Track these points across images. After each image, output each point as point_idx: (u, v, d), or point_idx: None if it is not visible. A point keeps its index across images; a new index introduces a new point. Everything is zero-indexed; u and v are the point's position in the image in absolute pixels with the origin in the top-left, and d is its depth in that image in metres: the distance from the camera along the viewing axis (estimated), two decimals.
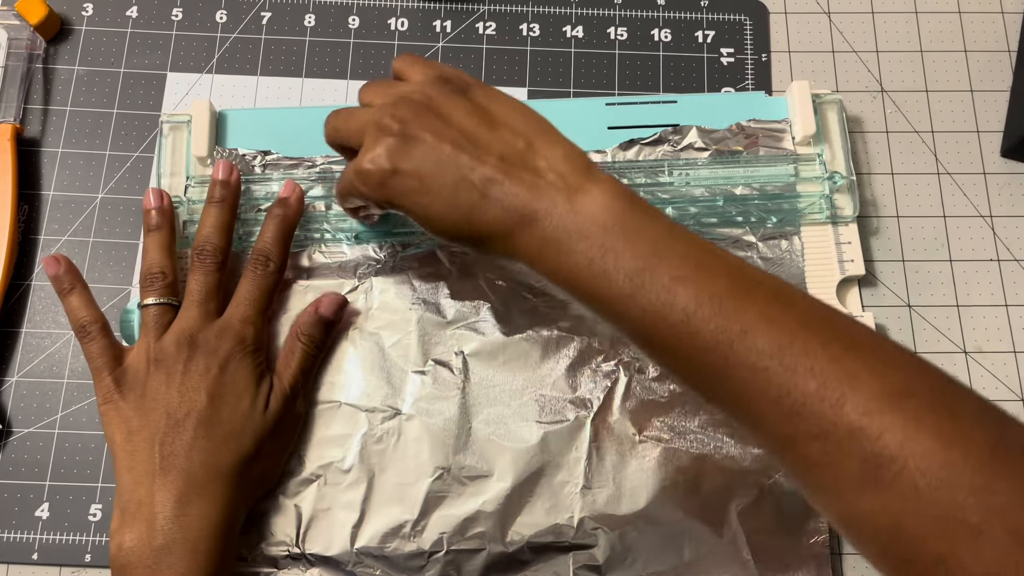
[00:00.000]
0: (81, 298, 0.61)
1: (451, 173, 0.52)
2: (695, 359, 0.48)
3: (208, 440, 0.57)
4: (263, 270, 0.63)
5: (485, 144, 0.52)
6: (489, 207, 0.51)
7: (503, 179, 0.51)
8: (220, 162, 0.65)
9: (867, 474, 0.43)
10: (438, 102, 0.54)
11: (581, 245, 0.49)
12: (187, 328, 0.59)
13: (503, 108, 0.55)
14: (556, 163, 0.52)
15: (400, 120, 0.53)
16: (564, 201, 0.50)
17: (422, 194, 0.53)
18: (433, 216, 0.53)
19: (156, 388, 0.58)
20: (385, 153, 0.53)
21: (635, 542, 0.61)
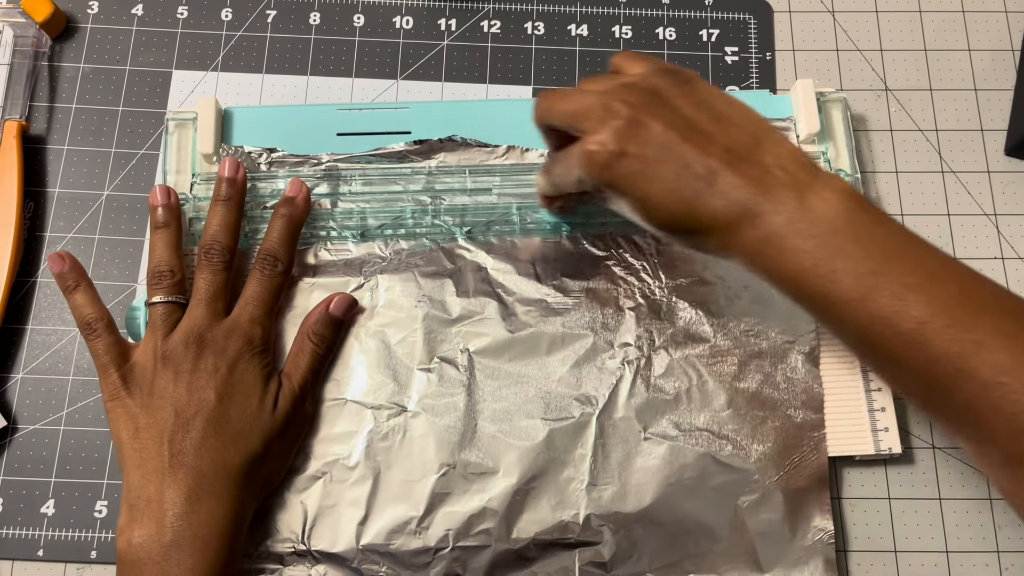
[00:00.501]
0: (86, 295, 0.61)
1: (677, 161, 0.52)
2: (923, 370, 0.47)
3: (217, 439, 0.57)
4: (271, 270, 0.63)
5: (711, 136, 0.52)
6: (712, 198, 0.51)
7: (729, 172, 0.51)
8: (226, 160, 0.65)
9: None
10: (666, 91, 0.54)
11: (808, 245, 0.49)
12: (195, 327, 0.59)
13: (727, 104, 0.55)
14: (784, 160, 0.51)
15: (630, 105, 0.53)
16: (793, 199, 0.50)
17: (645, 179, 0.52)
18: (652, 203, 0.53)
19: (164, 386, 0.58)
20: (613, 135, 0.53)
21: (641, 539, 0.61)
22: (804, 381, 0.64)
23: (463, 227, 0.67)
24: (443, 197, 0.68)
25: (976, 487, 0.65)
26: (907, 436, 0.66)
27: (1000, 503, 0.65)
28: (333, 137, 0.70)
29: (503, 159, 0.69)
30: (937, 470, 0.65)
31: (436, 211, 0.67)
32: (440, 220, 0.67)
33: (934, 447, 0.66)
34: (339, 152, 0.69)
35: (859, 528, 0.64)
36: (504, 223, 0.67)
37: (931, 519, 0.65)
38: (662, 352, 0.64)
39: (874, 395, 0.64)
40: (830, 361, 0.65)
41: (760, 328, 0.65)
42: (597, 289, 0.66)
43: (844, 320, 0.50)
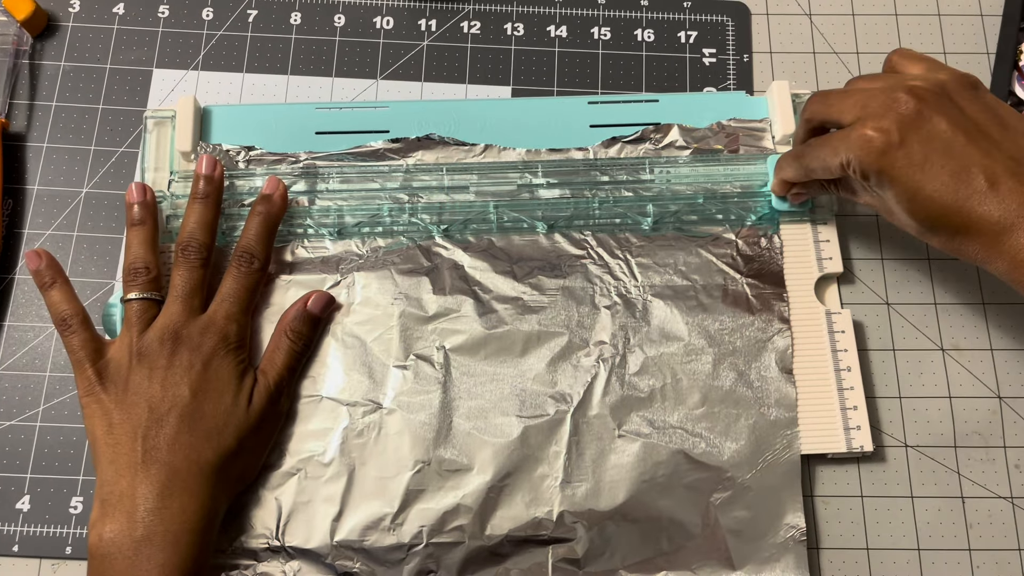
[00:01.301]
0: (62, 292, 0.61)
1: (958, 160, 0.53)
2: None
3: (191, 435, 0.57)
4: (247, 267, 0.63)
5: (997, 142, 0.53)
6: (988, 203, 0.52)
7: (1011, 179, 0.52)
8: (203, 157, 0.65)
9: None
10: (954, 91, 0.55)
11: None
12: (171, 323, 0.60)
13: (1012, 114, 0.55)
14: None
15: (917, 97, 0.54)
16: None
17: (922, 172, 0.53)
18: (924, 196, 0.54)
19: (139, 382, 0.58)
20: (896, 124, 0.54)
21: (614, 535, 0.61)
22: (777, 380, 0.64)
23: (440, 225, 0.67)
24: (420, 195, 0.68)
25: (948, 485, 0.66)
26: (879, 435, 0.66)
27: (971, 501, 0.65)
28: (312, 135, 0.70)
29: (480, 157, 0.69)
30: (909, 469, 0.66)
31: (413, 209, 0.67)
32: (417, 218, 0.67)
33: (906, 446, 0.66)
34: (317, 150, 0.69)
35: (831, 526, 0.65)
36: (481, 221, 0.68)
37: (903, 517, 0.65)
38: (637, 350, 0.65)
39: (846, 394, 0.64)
40: (803, 360, 0.65)
41: (734, 327, 0.66)
42: (573, 288, 0.66)
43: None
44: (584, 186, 0.68)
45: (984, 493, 0.65)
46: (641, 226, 0.68)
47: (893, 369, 0.68)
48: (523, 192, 0.68)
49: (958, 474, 0.66)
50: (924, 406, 0.67)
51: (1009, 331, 0.69)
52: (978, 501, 0.65)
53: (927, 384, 0.68)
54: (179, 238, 0.63)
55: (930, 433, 0.67)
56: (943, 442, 0.66)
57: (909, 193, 0.54)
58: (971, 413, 0.67)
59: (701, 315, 0.66)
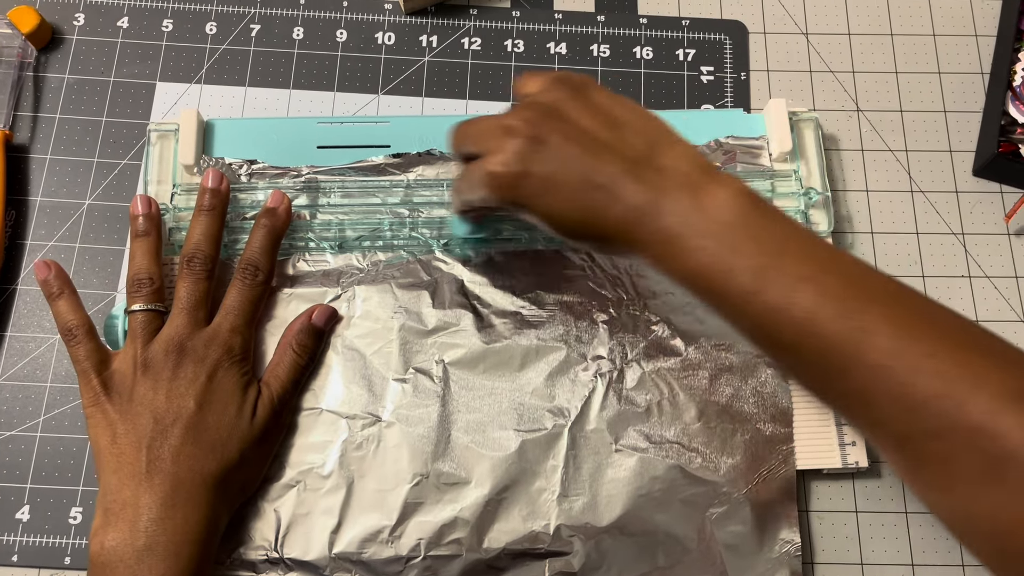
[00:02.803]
0: (69, 302, 0.62)
1: (578, 173, 0.53)
2: (816, 357, 0.49)
3: (195, 446, 0.57)
4: (251, 280, 0.63)
5: (610, 144, 0.53)
6: (614, 206, 0.52)
7: (628, 179, 0.52)
8: (210, 171, 0.65)
9: (987, 473, 0.44)
10: (562, 105, 0.55)
11: (705, 242, 0.50)
12: (176, 335, 0.60)
13: (624, 109, 0.56)
14: (679, 162, 0.53)
15: (528, 123, 0.54)
16: (688, 199, 0.51)
17: (550, 194, 0.53)
18: (558, 215, 0.54)
19: (143, 393, 0.58)
20: (515, 156, 0.54)
21: (610, 549, 0.62)
22: (773, 395, 0.65)
23: (440, 239, 0.68)
24: (421, 210, 0.68)
25: None
26: (874, 451, 0.66)
27: None
28: (313, 150, 0.70)
29: None
30: (904, 485, 0.66)
31: (414, 223, 0.68)
32: (417, 232, 0.68)
33: None
34: (319, 164, 0.69)
35: (826, 541, 0.65)
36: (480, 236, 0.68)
37: (897, 532, 0.65)
38: (634, 365, 0.65)
39: None
40: None
41: (731, 343, 0.66)
42: (571, 302, 0.67)
43: (742, 313, 0.51)
44: None
45: None
46: None
47: None
48: None
49: None
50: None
51: None
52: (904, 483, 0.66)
53: None
54: (184, 250, 0.63)
55: None
56: None
57: (545, 216, 0.54)
58: None
59: (698, 330, 0.66)
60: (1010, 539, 0.44)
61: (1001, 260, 0.72)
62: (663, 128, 0.55)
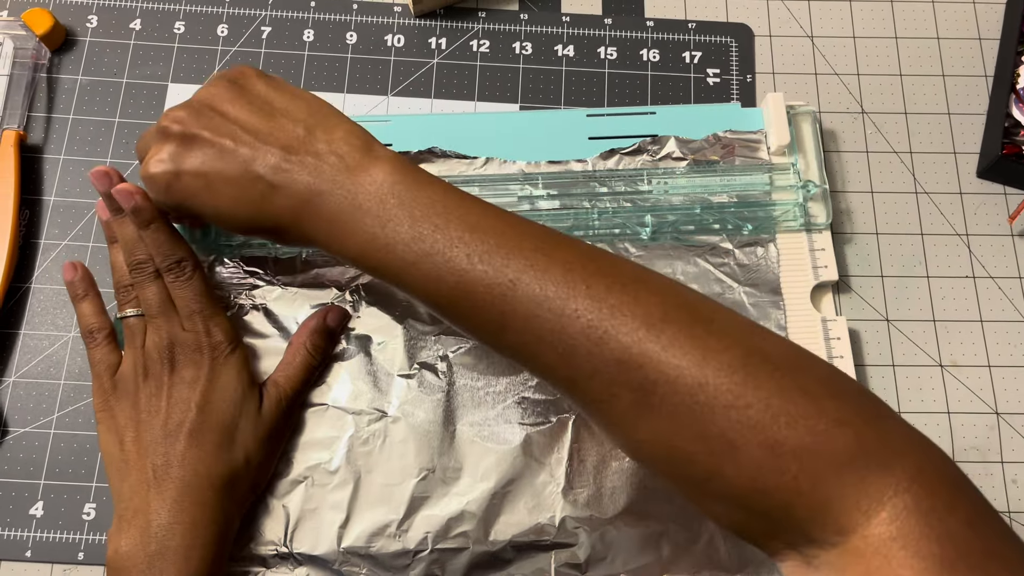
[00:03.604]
0: (93, 305, 0.62)
1: (234, 168, 0.53)
2: (475, 316, 0.50)
3: (200, 449, 0.58)
4: (183, 275, 0.60)
5: (266, 135, 0.54)
6: (276, 196, 0.53)
7: (286, 167, 0.52)
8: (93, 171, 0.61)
9: (638, 403, 0.45)
10: (217, 100, 0.55)
11: (365, 221, 0.51)
12: (162, 338, 0.60)
13: (283, 97, 0.56)
14: (336, 145, 0.53)
15: (179, 122, 0.55)
16: (345, 180, 0.52)
17: (209, 192, 0.54)
18: (223, 212, 0.54)
19: (146, 401, 0.59)
20: (167, 156, 0.54)
21: (615, 541, 0.62)
22: None
23: None
24: None
25: None
26: None
27: None
28: None
29: (481, 170, 0.70)
30: None
31: None
32: None
33: None
34: None
35: None
36: None
37: None
38: None
39: None
40: None
41: None
42: None
43: (408, 285, 0.52)
44: (583, 197, 0.69)
45: None
46: (639, 236, 0.69)
47: (893, 385, 0.69)
48: (523, 204, 0.69)
49: None
50: (923, 421, 0.68)
51: (1007, 348, 0.70)
52: None
53: (926, 400, 0.69)
54: (127, 259, 0.61)
55: None
56: None
57: (212, 215, 0.55)
58: (969, 429, 0.68)
59: None
60: (671, 464, 0.46)
61: (1005, 261, 0.72)
62: (323, 112, 0.55)
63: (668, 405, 0.45)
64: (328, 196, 0.52)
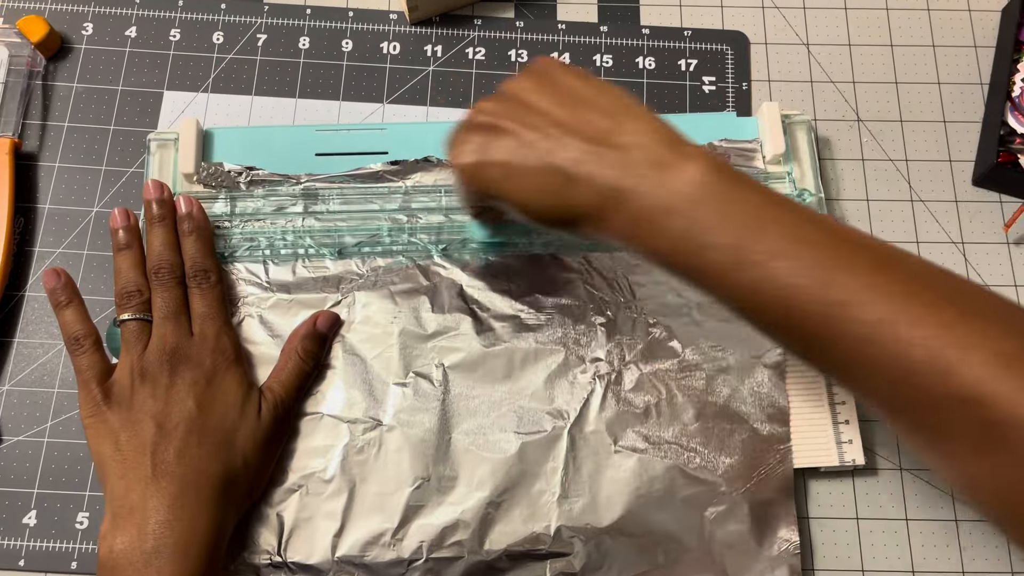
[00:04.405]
0: (76, 312, 0.62)
1: (536, 158, 0.52)
2: (799, 331, 0.48)
3: (199, 448, 0.58)
4: (207, 283, 0.64)
5: (570, 126, 0.53)
6: (578, 189, 0.51)
7: (589, 159, 0.51)
8: (148, 182, 0.66)
9: (981, 439, 0.43)
10: (522, 91, 0.55)
11: (674, 221, 0.49)
12: (166, 342, 0.60)
13: (589, 89, 0.55)
14: (642, 139, 0.51)
15: (485, 112, 0.55)
16: (653, 176, 0.49)
17: (511, 181, 0.53)
18: (525, 202, 0.54)
19: (143, 401, 0.59)
20: (472, 147, 0.54)
21: (611, 550, 0.62)
22: (770, 395, 0.65)
23: (438, 245, 0.68)
24: (419, 215, 0.69)
25: (942, 508, 0.66)
26: (875, 457, 0.67)
27: (965, 524, 0.66)
28: (312, 157, 0.71)
29: None
30: (904, 491, 0.66)
31: (412, 229, 0.68)
32: (416, 238, 0.68)
33: (901, 468, 0.67)
34: (317, 172, 0.70)
35: (827, 547, 0.65)
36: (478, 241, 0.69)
37: (898, 539, 0.65)
38: (632, 367, 0.66)
39: (838, 408, 0.65)
40: (795, 375, 0.66)
41: (727, 343, 0.66)
42: (569, 305, 0.67)
43: (720, 291, 0.50)
44: None
45: (978, 516, 0.66)
46: None
47: None
48: None
49: (952, 497, 0.66)
50: None
51: None
52: (972, 524, 0.66)
53: None
54: (148, 263, 0.64)
55: None
56: None
57: (515, 203, 0.54)
58: None
59: (695, 332, 0.67)
60: (1012, 505, 0.43)
61: (1001, 269, 0.72)
62: (626, 103, 0.54)
63: (1014, 445, 0.42)
64: (633, 193, 0.50)
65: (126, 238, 0.64)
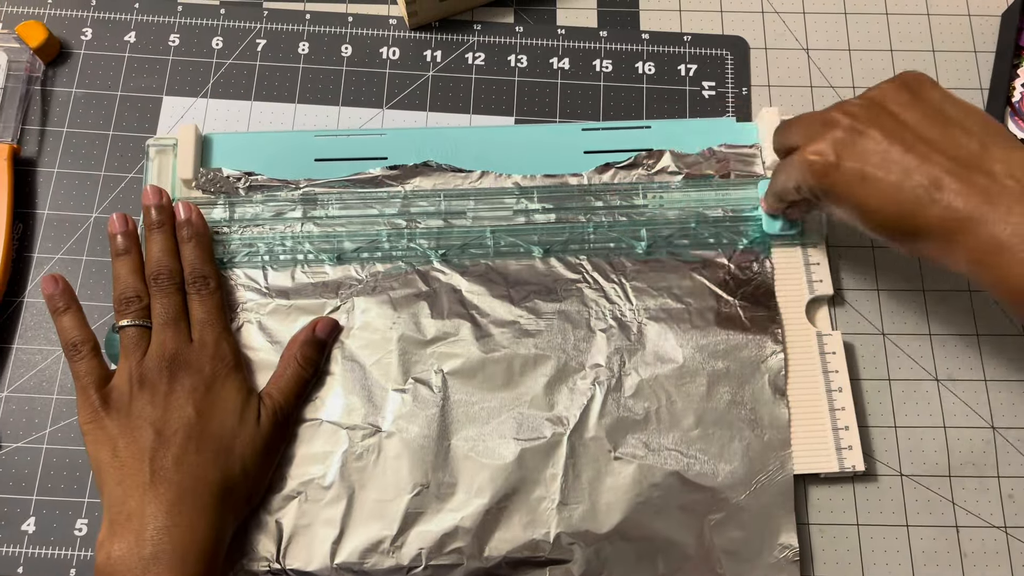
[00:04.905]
0: (74, 318, 0.62)
1: (897, 169, 0.53)
2: None
3: (198, 454, 0.58)
4: (207, 289, 0.64)
5: (936, 143, 0.53)
6: (933, 206, 0.52)
7: (953, 180, 0.51)
8: (147, 188, 0.66)
9: None
10: (890, 100, 0.55)
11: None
12: (166, 349, 0.60)
13: (957, 109, 0.55)
14: (1015, 168, 0.51)
15: (849, 115, 0.55)
16: (1020, 209, 0.50)
17: (863, 186, 0.54)
18: (871, 208, 0.54)
19: (141, 408, 0.59)
20: (831, 145, 0.55)
21: (610, 557, 0.62)
22: (770, 401, 0.65)
23: (438, 250, 0.68)
24: (418, 221, 0.69)
25: (942, 515, 0.66)
26: (875, 463, 0.67)
27: (966, 531, 0.65)
28: (311, 162, 0.71)
29: (478, 183, 0.70)
30: (904, 497, 0.66)
31: (411, 234, 0.68)
32: (415, 243, 0.68)
33: (901, 475, 0.67)
34: (316, 177, 0.70)
35: (827, 554, 0.65)
36: (478, 246, 0.69)
37: (898, 545, 0.65)
38: (632, 373, 0.65)
39: (838, 414, 0.65)
40: (796, 381, 0.66)
41: (727, 350, 0.66)
42: (569, 311, 0.67)
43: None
44: (579, 211, 0.69)
45: (978, 522, 0.66)
46: (635, 250, 0.69)
47: (888, 398, 0.69)
48: (519, 217, 0.69)
49: (952, 503, 0.66)
50: (919, 435, 0.68)
51: (1003, 362, 0.70)
52: (972, 530, 0.66)
53: (922, 414, 0.68)
54: (148, 269, 0.64)
55: (925, 462, 0.67)
56: (938, 471, 0.67)
57: (855, 207, 0.55)
58: (965, 443, 0.68)
59: (695, 338, 0.66)
60: None
61: None
62: (1000, 131, 0.54)
63: None
64: (996, 221, 0.50)
65: (125, 243, 0.64)
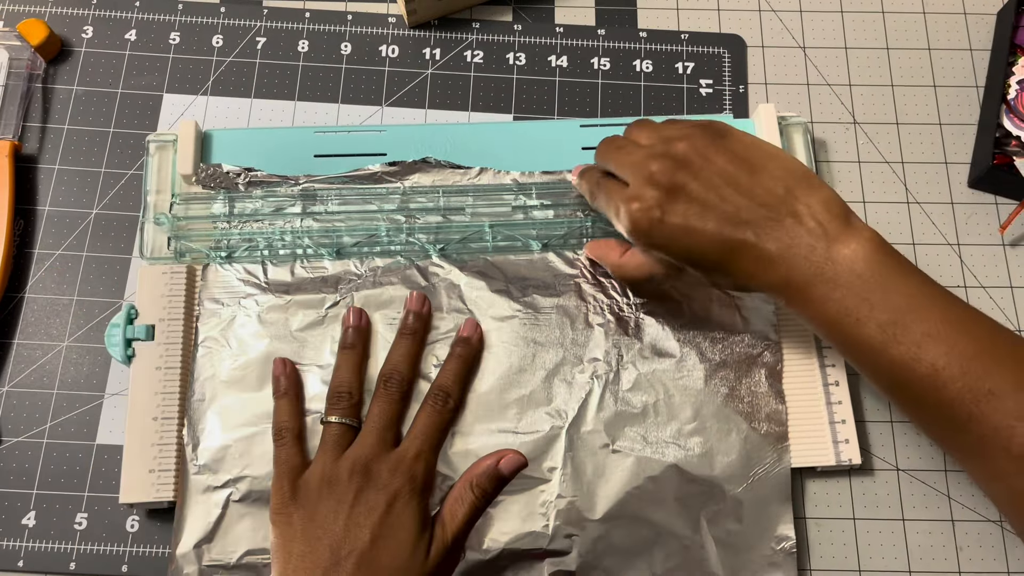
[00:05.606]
0: (291, 405, 0.63)
1: (714, 222, 0.55)
2: (938, 411, 0.51)
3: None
4: (442, 406, 0.63)
5: (747, 190, 0.55)
6: (748, 251, 0.54)
7: (763, 225, 0.54)
8: (414, 293, 0.67)
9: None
10: (702, 150, 0.57)
11: (837, 294, 0.53)
12: (363, 456, 0.59)
13: (761, 154, 0.57)
14: (816, 210, 0.54)
15: (666, 171, 0.56)
16: (822, 248, 0.53)
17: (686, 239, 0.56)
18: (695, 258, 0.57)
19: (324, 515, 0.57)
20: (654, 203, 0.56)
21: (608, 548, 0.62)
22: (767, 395, 0.65)
23: (436, 245, 0.68)
24: (417, 216, 0.69)
25: (938, 509, 0.66)
26: (871, 458, 0.67)
27: (961, 525, 0.66)
28: (310, 159, 0.71)
29: (476, 180, 0.71)
30: (900, 492, 0.66)
31: (410, 229, 0.69)
32: (414, 238, 0.68)
33: (898, 469, 0.67)
34: (316, 173, 0.70)
35: (824, 548, 0.65)
36: (477, 241, 0.69)
37: (895, 539, 0.66)
38: (630, 367, 0.66)
39: (835, 408, 0.65)
40: (792, 375, 0.66)
41: (725, 344, 0.67)
42: (567, 306, 0.67)
43: (869, 365, 0.53)
44: (577, 206, 0.69)
45: (974, 517, 0.66)
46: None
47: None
48: (517, 213, 0.69)
49: (948, 497, 0.67)
50: (915, 430, 0.68)
51: None
52: (968, 524, 0.66)
53: None
54: (383, 369, 0.64)
55: (921, 457, 0.67)
56: (934, 466, 0.67)
57: (683, 258, 0.57)
58: None
59: (692, 332, 0.67)
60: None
61: (996, 270, 0.72)
62: (802, 173, 0.56)
63: None
64: (800, 261, 0.53)
65: (353, 338, 0.65)
